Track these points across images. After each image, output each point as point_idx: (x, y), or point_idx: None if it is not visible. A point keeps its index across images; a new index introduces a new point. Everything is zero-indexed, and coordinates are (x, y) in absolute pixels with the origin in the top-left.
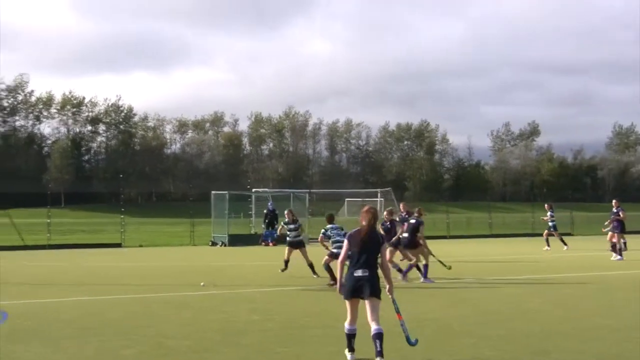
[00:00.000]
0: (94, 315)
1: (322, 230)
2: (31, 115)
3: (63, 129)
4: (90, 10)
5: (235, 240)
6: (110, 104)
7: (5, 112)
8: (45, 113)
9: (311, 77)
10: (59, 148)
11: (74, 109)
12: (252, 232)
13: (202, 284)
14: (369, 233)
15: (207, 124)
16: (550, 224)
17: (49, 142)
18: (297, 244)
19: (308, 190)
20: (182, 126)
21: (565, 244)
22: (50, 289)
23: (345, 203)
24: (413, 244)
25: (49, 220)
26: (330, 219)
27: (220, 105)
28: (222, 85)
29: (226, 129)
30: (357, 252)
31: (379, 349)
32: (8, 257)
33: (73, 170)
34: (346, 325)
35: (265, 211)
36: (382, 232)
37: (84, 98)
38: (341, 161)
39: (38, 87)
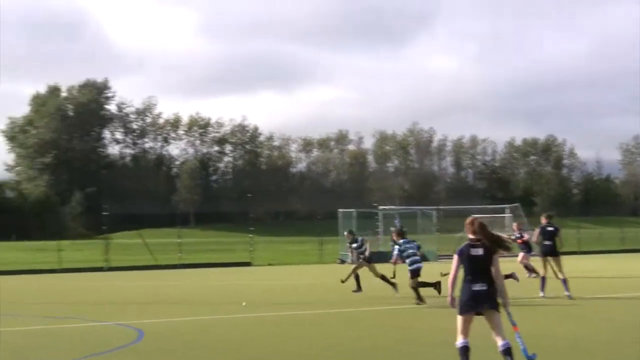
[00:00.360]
0: (236, 333)
1: (397, 247)
2: (159, 137)
3: (191, 150)
4: (216, 33)
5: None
6: (236, 125)
7: (135, 134)
8: (172, 135)
9: (435, 93)
10: (187, 169)
11: (201, 130)
12: (380, 249)
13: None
14: (481, 245)
15: (332, 142)
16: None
17: (177, 163)
18: (369, 260)
19: (435, 207)
20: (307, 145)
21: None
22: (181, 307)
23: None
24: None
25: (179, 240)
26: (401, 234)
27: (345, 123)
28: (346, 103)
29: (351, 147)
30: (470, 266)
31: None
32: (143, 277)
33: (201, 191)
34: (459, 340)
35: (392, 229)
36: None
37: (210, 119)
38: (467, 177)
39: (166, 109)
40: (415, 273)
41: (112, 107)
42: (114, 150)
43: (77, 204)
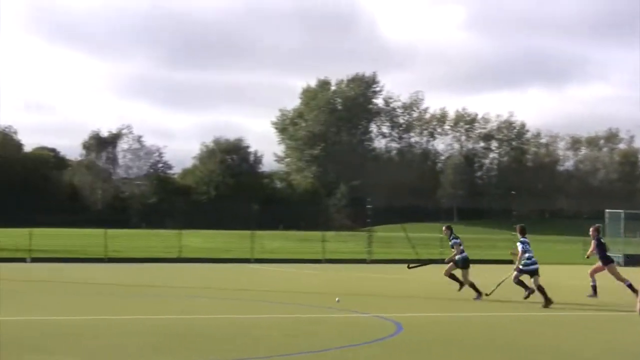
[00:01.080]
0: (494, 330)
1: (522, 240)
2: (425, 131)
3: (456, 145)
4: (484, 27)
5: (632, 260)
6: (502, 121)
7: (401, 128)
8: (438, 130)
9: None
10: (452, 164)
11: (467, 126)
12: None
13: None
14: None
15: (601, 141)
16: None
17: (442, 158)
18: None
19: None
20: (575, 143)
21: None
22: (442, 302)
23: None
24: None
25: (441, 235)
26: (523, 231)
27: (616, 121)
28: (619, 100)
29: (621, 146)
30: None
31: None
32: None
33: (465, 186)
34: None
35: None
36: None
37: (476, 115)
38: None
39: (432, 104)
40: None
41: (379, 101)
42: (379, 143)
43: (342, 196)
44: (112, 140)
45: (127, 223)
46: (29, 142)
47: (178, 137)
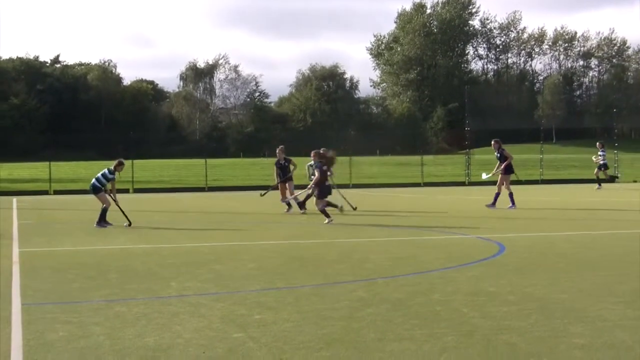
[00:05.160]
0: (592, 250)
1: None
2: (523, 52)
3: (554, 65)
4: None
5: None
6: (602, 38)
7: (498, 49)
8: (536, 49)
9: None
10: (550, 84)
11: (566, 45)
12: None
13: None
14: None
15: None
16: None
17: (540, 78)
18: None
19: None
20: None
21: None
22: (543, 221)
23: None
24: None
25: (541, 156)
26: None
27: None
28: None
29: None
30: None
31: None
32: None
33: (564, 106)
34: None
35: None
36: None
37: (575, 33)
38: None
39: (530, 24)
40: None
41: (475, 23)
42: (476, 66)
43: (438, 120)
44: (209, 70)
45: (225, 152)
46: (129, 75)
47: (275, 65)
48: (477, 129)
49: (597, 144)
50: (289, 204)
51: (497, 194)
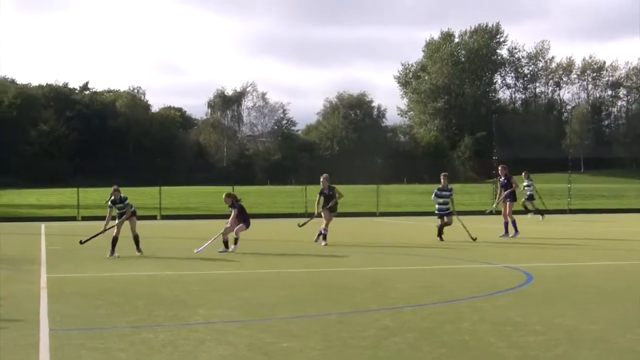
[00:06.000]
0: (621, 280)
1: None
2: (551, 81)
3: (583, 94)
4: None
5: None
6: (631, 67)
7: (526, 79)
8: (564, 79)
9: None
10: (578, 113)
11: (594, 74)
12: None
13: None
14: None
15: None
16: (528, 193)
17: (569, 107)
18: None
19: None
20: None
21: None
22: (571, 251)
23: None
24: None
25: (569, 185)
26: None
27: None
28: None
29: None
30: None
31: None
32: (531, 221)
33: (592, 136)
34: None
35: None
36: None
37: (604, 62)
38: None
39: (558, 53)
40: None
41: (503, 52)
42: (504, 94)
43: (465, 149)
44: (237, 98)
45: (252, 180)
46: (157, 102)
47: (302, 93)
48: (504, 158)
49: (523, 174)
50: (324, 236)
51: (506, 223)
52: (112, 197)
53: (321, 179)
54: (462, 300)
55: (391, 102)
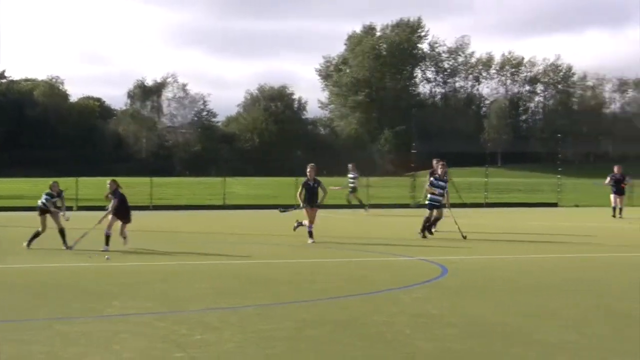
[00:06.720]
0: (536, 273)
1: None
2: (470, 76)
3: (501, 89)
4: None
5: None
6: (549, 64)
7: (446, 73)
8: (484, 74)
9: None
10: (496, 108)
11: (513, 70)
12: None
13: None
14: None
15: None
16: (350, 186)
17: (487, 102)
18: None
19: None
20: (622, 85)
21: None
22: (487, 244)
23: None
24: None
25: (486, 180)
26: None
27: None
28: None
29: None
30: None
31: None
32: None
33: (510, 130)
34: None
35: None
36: None
37: (522, 58)
38: None
39: (479, 48)
40: None
41: (424, 47)
42: (424, 89)
43: (385, 142)
44: (157, 89)
45: (171, 171)
46: (78, 92)
47: (224, 85)
48: (424, 152)
49: (350, 166)
50: (310, 233)
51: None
52: (50, 191)
53: (308, 169)
54: (380, 293)
55: (313, 95)
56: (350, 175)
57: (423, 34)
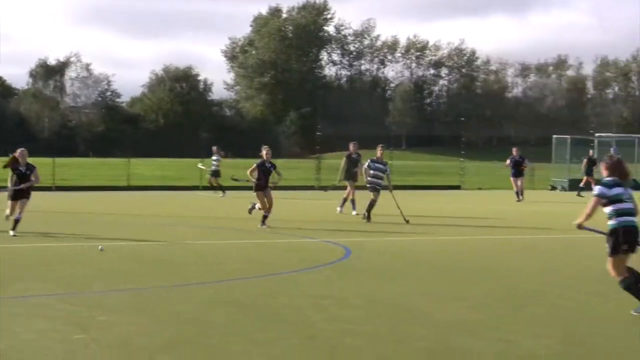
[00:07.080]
0: (441, 255)
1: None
2: (376, 59)
3: (406, 73)
4: None
5: (576, 185)
6: (453, 48)
7: (352, 56)
8: (389, 57)
9: None
10: (401, 91)
11: (418, 53)
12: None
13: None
14: None
15: (550, 68)
16: (213, 169)
17: (392, 85)
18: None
19: None
20: (524, 70)
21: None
22: (390, 227)
23: None
24: None
25: (391, 162)
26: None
27: (569, 48)
28: (576, 27)
29: (570, 73)
30: None
31: None
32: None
33: (415, 114)
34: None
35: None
36: None
37: (427, 42)
38: None
39: (385, 32)
40: None
41: (330, 29)
42: (330, 71)
43: (291, 124)
44: (60, 68)
45: (74, 152)
46: None
47: (129, 65)
48: (329, 134)
49: (213, 148)
50: (253, 208)
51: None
52: None
53: (264, 151)
54: (282, 274)
55: (219, 76)
56: (214, 158)
57: (329, 16)
